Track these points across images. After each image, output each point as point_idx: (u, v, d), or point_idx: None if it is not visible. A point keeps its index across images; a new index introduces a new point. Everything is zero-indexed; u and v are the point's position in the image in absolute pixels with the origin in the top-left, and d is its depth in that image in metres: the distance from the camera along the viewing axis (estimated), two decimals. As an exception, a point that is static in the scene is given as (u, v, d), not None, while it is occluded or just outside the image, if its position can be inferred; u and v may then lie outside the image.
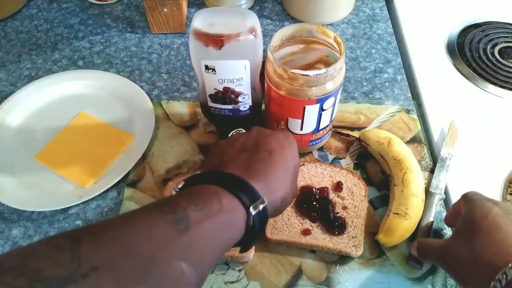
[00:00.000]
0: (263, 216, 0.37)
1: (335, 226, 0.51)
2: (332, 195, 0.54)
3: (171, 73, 0.73)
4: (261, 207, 0.36)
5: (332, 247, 0.49)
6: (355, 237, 0.50)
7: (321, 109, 0.52)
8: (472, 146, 0.62)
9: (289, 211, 0.53)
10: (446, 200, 0.57)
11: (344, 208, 0.53)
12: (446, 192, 0.58)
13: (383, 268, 0.51)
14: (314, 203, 0.53)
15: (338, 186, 0.55)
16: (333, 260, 0.51)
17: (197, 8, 0.83)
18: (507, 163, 0.60)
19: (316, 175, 0.57)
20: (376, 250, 0.52)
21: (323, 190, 0.54)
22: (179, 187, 0.38)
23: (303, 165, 0.57)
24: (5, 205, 0.56)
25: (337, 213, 0.53)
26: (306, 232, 0.51)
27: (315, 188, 0.54)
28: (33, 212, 0.57)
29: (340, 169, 0.57)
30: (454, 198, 0.57)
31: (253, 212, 0.36)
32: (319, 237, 0.50)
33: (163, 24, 0.77)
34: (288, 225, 0.51)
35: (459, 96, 0.69)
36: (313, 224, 0.52)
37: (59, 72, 0.73)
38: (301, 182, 0.55)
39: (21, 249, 0.26)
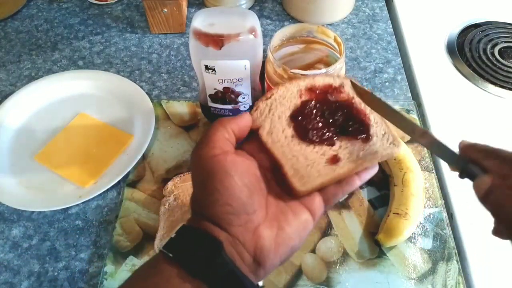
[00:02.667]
0: None
1: (359, 131, 0.38)
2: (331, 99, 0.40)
3: (171, 73, 0.73)
4: None
5: (372, 158, 0.36)
6: (385, 133, 0.38)
7: (321, 109, 0.52)
8: (472, 146, 0.62)
9: (297, 145, 0.37)
10: (446, 201, 0.57)
11: (349, 109, 0.39)
12: (445, 193, 0.58)
13: (383, 268, 0.51)
14: (322, 116, 0.39)
15: (336, 89, 0.40)
16: (333, 260, 0.51)
17: (197, 8, 0.83)
18: (507, 163, 0.60)
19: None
20: (376, 250, 0.52)
21: (325, 91, 0.40)
22: (161, 247, 0.32)
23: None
24: (5, 205, 0.56)
25: (348, 121, 0.39)
26: (334, 159, 0.36)
27: (313, 99, 0.40)
28: (33, 212, 0.57)
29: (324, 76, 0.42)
30: (454, 198, 0.57)
31: None
32: (351, 157, 0.37)
33: (163, 24, 0.77)
34: (310, 165, 0.36)
35: (459, 96, 0.69)
36: (332, 147, 0.37)
37: (59, 72, 0.73)
38: (291, 102, 0.39)
39: None
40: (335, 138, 0.37)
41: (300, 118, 0.38)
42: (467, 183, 0.60)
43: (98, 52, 0.76)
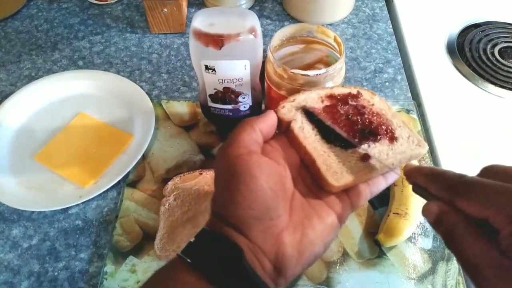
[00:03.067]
0: None
1: (385, 133, 0.38)
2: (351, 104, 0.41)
3: (171, 73, 0.73)
4: None
5: (402, 158, 0.37)
6: (410, 136, 0.39)
7: (321, 109, 0.52)
8: (472, 146, 0.62)
9: (326, 143, 0.38)
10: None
11: (372, 113, 0.40)
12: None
13: (383, 268, 0.51)
14: (347, 119, 0.39)
15: (354, 96, 0.41)
16: (333, 260, 0.51)
17: (197, 8, 0.83)
18: (507, 163, 0.60)
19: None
20: (376, 250, 0.52)
21: (345, 98, 0.41)
22: (179, 252, 0.30)
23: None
24: (5, 205, 0.56)
25: (372, 122, 0.39)
26: (365, 157, 0.37)
27: (340, 99, 0.41)
28: (33, 212, 0.57)
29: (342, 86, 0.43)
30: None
31: None
32: (381, 156, 0.37)
33: (163, 24, 0.77)
34: (342, 162, 0.36)
35: (459, 96, 0.69)
36: (362, 146, 0.38)
37: (59, 72, 0.73)
38: (316, 105, 0.40)
39: None
40: (361, 140, 0.38)
41: (326, 119, 0.39)
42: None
43: (98, 52, 0.76)
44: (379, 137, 0.38)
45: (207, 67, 0.50)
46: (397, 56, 0.75)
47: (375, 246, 0.52)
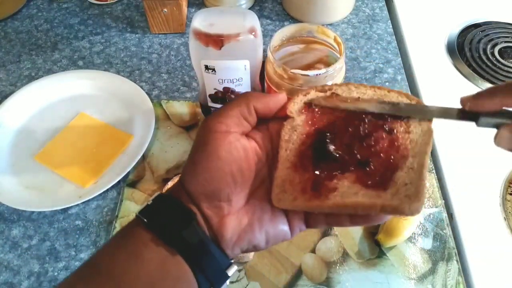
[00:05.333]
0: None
1: (379, 172, 0.30)
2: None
3: (171, 73, 0.73)
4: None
5: (370, 205, 0.29)
6: (410, 183, 0.30)
7: (321, 109, 0.52)
8: (472, 146, 0.62)
9: (305, 156, 0.32)
10: (446, 201, 0.57)
11: (395, 145, 0.31)
12: (445, 193, 0.58)
13: (383, 268, 0.51)
14: (351, 140, 0.32)
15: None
16: (333, 260, 0.51)
17: (197, 8, 0.83)
18: (507, 163, 0.60)
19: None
20: (376, 250, 0.52)
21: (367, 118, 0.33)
22: (137, 212, 0.31)
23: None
24: (5, 205, 0.56)
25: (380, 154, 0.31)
26: (328, 188, 0.30)
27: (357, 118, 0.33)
28: (33, 212, 0.57)
29: (388, 91, 0.34)
30: (454, 198, 0.57)
31: None
32: (348, 194, 0.30)
33: (163, 24, 0.77)
34: (301, 184, 0.31)
35: (459, 96, 0.68)
36: (342, 172, 0.31)
37: (59, 72, 0.73)
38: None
39: None
40: (348, 169, 0.31)
41: (328, 131, 0.33)
42: (467, 183, 0.61)
43: (98, 52, 0.76)
44: (365, 176, 0.30)
45: (207, 67, 0.50)
46: (397, 56, 0.75)
47: (375, 246, 0.52)
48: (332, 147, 0.32)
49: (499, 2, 0.84)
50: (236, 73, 0.51)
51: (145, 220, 0.30)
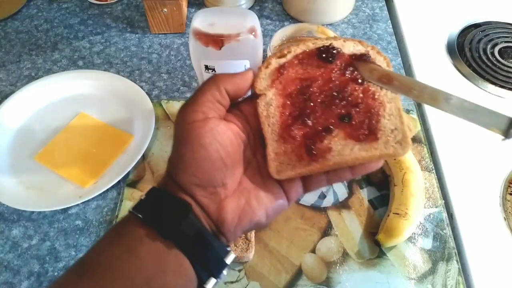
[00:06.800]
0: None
1: (365, 122, 0.32)
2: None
3: (171, 73, 0.73)
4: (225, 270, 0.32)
5: (370, 155, 0.31)
6: (396, 129, 0.32)
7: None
8: (472, 146, 0.62)
9: (289, 126, 0.33)
10: (446, 201, 0.57)
11: (367, 91, 0.33)
12: (445, 193, 0.58)
13: (383, 268, 0.51)
14: (329, 97, 0.33)
15: (360, 57, 0.34)
16: (333, 260, 0.51)
17: (197, 8, 0.83)
18: (507, 163, 0.60)
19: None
20: (376, 250, 0.52)
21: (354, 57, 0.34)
22: (130, 209, 0.32)
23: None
24: (5, 205, 0.56)
25: (359, 103, 0.33)
26: (324, 150, 0.32)
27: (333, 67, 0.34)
28: (33, 212, 0.57)
29: (344, 40, 0.35)
30: (454, 198, 0.57)
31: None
32: (345, 150, 0.31)
33: (163, 24, 0.77)
34: (294, 152, 0.32)
35: (459, 96, 0.69)
36: (329, 131, 0.32)
37: (59, 72, 0.73)
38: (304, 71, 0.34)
39: None
40: (333, 127, 0.32)
41: (301, 95, 0.33)
42: (467, 183, 0.61)
43: (98, 52, 0.76)
44: (353, 128, 0.32)
45: (207, 67, 0.50)
46: (397, 56, 0.75)
47: (375, 246, 0.52)
48: (310, 108, 0.33)
49: (499, 2, 0.84)
50: (236, 73, 0.51)
51: (140, 215, 0.30)
